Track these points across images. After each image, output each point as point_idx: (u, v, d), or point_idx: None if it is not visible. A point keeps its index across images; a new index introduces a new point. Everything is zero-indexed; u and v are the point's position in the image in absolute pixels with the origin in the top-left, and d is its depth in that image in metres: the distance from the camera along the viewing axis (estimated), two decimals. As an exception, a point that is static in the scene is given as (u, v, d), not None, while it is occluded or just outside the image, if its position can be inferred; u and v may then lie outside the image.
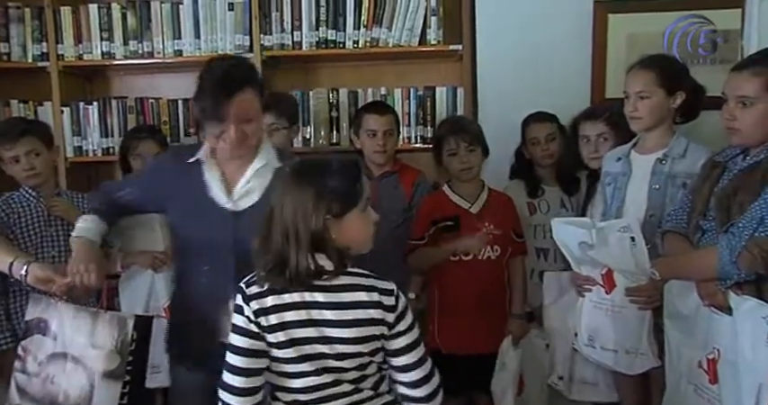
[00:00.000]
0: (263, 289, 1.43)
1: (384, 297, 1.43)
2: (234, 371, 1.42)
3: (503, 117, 2.66)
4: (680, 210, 1.91)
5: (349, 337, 1.41)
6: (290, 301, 1.42)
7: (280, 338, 1.41)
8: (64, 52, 2.88)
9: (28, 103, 2.94)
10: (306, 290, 1.42)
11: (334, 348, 1.42)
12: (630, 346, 2.06)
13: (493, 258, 2.32)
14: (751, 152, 1.75)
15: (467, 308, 2.30)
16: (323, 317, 1.41)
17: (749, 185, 1.67)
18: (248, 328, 1.42)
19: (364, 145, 2.56)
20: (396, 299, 1.45)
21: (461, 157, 2.29)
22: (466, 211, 2.32)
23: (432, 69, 2.95)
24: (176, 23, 2.87)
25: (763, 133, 1.70)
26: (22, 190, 2.34)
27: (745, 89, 1.70)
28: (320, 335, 1.41)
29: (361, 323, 1.41)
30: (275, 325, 1.41)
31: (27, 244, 2.29)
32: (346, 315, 1.41)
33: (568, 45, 2.68)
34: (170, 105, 2.94)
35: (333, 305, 1.42)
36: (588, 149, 2.37)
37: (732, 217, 1.67)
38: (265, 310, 1.41)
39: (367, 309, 1.42)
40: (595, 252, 2.07)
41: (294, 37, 2.81)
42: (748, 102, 1.69)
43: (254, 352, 1.42)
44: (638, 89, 2.06)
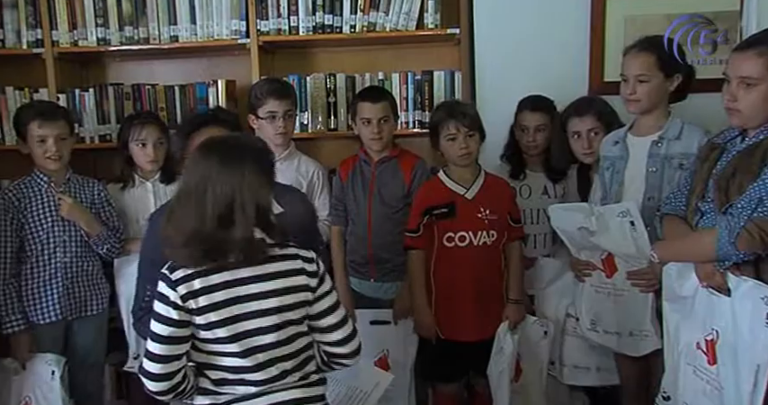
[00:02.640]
0: (188, 272, 1.45)
1: (306, 264, 1.53)
2: (155, 359, 1.46)
3: (501, 100, 2.64)
4: (678, 192, 1.91)
5: (279, 306, 1.48)
6: (219, 281, 1.46)
7: (210, 319, 1.45)
8: (59, 39, 2.86)
9: (24, 90, 2.92)
10: (234, 268, 1.46)
11: (265, 321, 1.47)
12: (634, 329, 2.07)
13: (489, 244, 2.31)
14: (749, 134, 1.74)
15: (464, 294, 2.31)
16: (249, 291, 1.47)
17: (748, 166, 1.66)
18: (170, 315, 1.45)
19: (361, 132, 2.56)
20: (317, 264, 1.55)
21: (460, 143, 2.28)
22: (461, 197, 2.31)
23: (429, 53, 2.93)
24: (172, 9, 2.84)
25: (764, 115, 1.69)
26: (35, 175, 2.37)
27: (747, 70, 1.67)
28: (249, 310, 1.47)
29: (288, 291, 1.50)
30: (204, 307, 1.45)
31: (38, 229, 2.33)
32: (274, 285, 1.48)
33: (566, 28, 2.67)
34: (167, 91, 2.92)
35: (258, 278, 1.47)
36: (581, 145, 2.36)
37: (731, 198, 1.67)
38: (194, 292, 1.45)
39: (292, 276, 1.50)
40: (596, 238, 2.07)
41: (291, 22, 2.79)
42: (751, 82, 1.67)
43: (177, 339, 1.46)
44: (638, 72, 2.05)
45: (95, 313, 2.46)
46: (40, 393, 2.35)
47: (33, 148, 2.32)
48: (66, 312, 2.38)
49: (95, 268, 2.47)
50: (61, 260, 2.36)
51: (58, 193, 2.35)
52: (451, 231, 2.30)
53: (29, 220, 2.32)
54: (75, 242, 2.39)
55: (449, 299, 2.34)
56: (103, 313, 2.51)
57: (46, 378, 2.34)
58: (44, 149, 2.31)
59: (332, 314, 1.57)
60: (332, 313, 1.57)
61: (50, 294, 2.34)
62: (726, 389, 1.67)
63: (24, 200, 2.32)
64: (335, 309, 1.58)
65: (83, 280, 2.42)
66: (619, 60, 2.19)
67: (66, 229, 2.37)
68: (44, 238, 2.33)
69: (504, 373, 2.32)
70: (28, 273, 2.33)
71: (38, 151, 2.31)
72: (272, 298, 1.48)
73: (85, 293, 2.43)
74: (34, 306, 2.33)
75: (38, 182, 2.35)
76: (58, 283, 2.35)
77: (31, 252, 2.33)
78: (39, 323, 2.34)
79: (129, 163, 2.61)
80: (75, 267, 2.39)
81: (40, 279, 2.34)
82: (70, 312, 2.39)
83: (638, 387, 2.20)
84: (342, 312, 1.60)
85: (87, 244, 2.42)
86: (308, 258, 1.54)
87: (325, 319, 1.57)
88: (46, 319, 2.35)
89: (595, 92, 2.62)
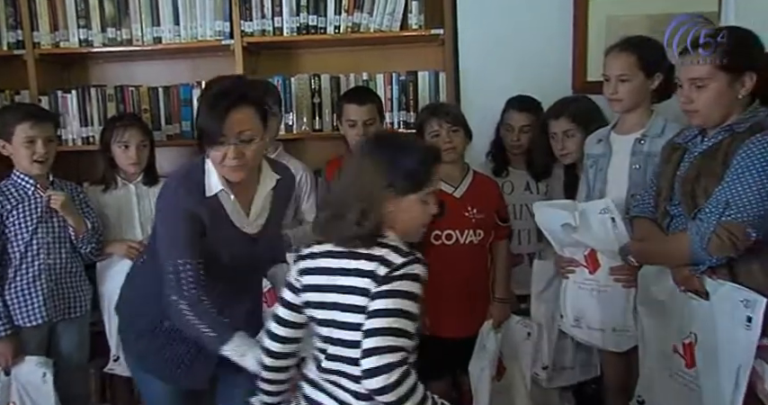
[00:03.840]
0: (308, 251, 1.49)
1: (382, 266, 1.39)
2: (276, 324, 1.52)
3: (485, 100, 2.67)
4: (645, 194, 1.94)
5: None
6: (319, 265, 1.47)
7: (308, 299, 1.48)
8: (40, 40, 2.83)
9: (4, 92, 2.90)
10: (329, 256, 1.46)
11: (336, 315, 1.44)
12: (617, 325, 2.09)
13: (476, 242, 2.33)
14: (709, 133, 1.78)
15: (450, 291, 2.31)
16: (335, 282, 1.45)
17: (710, 169, 1.70)
18: (293, 283, 1.50)
19: (347, 134, 2.56)
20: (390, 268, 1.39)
21: (444, 138, 2.29)
22: (449, 196, 2.32)
23: (414, 54, 2.93)
24: (155, 10, 2.82)
25: (721, 112, 1.73)
26: (17, 177, 2.34)
27: (696, 72, 1.73)
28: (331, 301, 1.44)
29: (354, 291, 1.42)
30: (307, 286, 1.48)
31: (22, 231, 2.31)
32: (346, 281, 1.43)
33: (549, 28, 2.69)
34: (150, 93, 2.91)
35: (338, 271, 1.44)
36: (556, 146, 2.39)
37: (698, 202, 1.70)
38: (304, 270, 1.49)
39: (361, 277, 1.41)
40: (579, 234, 2.09)
41: (275, 23, 2.79)
42: (701, 84, 1.72)
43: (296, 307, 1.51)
44: (619, 72, 2.08)
45: (79, 315, 2.45)
46: (28, 398, 2.32)
47: (19, 149, 2.29)
48: (52, 314, 2.36)
49: (78, 270, 2.46)
50: (45, 262, 2.34)
51: (48, 192, 2.33)
52: (438, 230, 2.30)
53: (12, 222, 2.29)
54: (58, 244, 2.37)
55: (435, 296, 2.33)
56: (86, 315, 2.50)
57: (36, 381, 2.31)
58: (32, 151, 2.29)
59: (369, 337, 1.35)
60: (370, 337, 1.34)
61: (35, 297, 2.32)
62: (705, 390, 1.70)
63: (7, 203, 2.29)
64: (376, 334, 1.34)
65: (67, 282, 2.41)
66: (601, 60, 2.21)
67: (50, 230, 2.35)
68: (27, 240, 2.31)
69: (485, 371, 2.33)
70: (11, 276, 2.31)
71: (25, 153, 2.29)
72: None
73: (69, 295, 2.41)
74: (19, 309, 2.31)
75: (22, 184, 2.33)
76: (42, 286, 2.33)
77: (14, 255, 2.31)
78: (24, 326, 2.32)
79: (112, 165, 2.58)
80: (59, 269, 2.38)
81: (24, 282, 2.32)
82: (55, 315, 2.37)
83: (620, 382, 2.22)
84: (382, 342, 1.33)
85: (70, 245, 2.41)
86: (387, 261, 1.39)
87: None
88: (32, 322, 2.32)
89: (578, 91, 2.65)
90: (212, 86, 1.72)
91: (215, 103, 1.64)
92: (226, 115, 1.61)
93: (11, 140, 2.30)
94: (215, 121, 1.62)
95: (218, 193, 1.71)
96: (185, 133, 2.90)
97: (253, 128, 1.66)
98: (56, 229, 2.37)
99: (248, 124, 1.65)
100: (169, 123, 2.91)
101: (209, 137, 1.64)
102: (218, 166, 1.69)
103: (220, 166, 1.68)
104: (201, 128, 1.67)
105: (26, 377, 2.32)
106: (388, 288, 1.36)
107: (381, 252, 1.40)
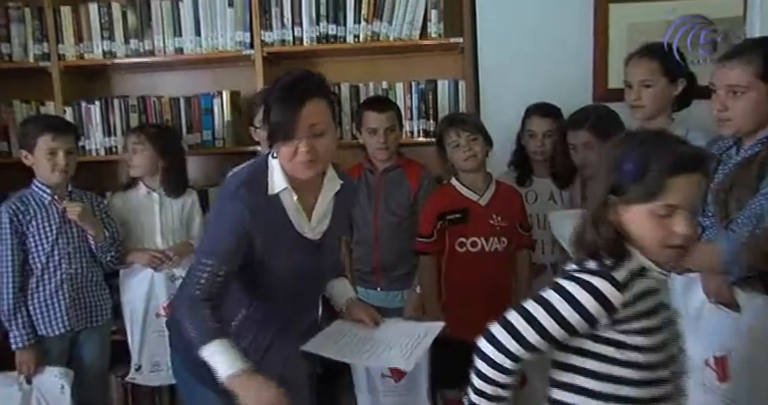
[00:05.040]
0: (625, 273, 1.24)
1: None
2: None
3: (505, 108, 2.65)
4: None
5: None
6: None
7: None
8: (65, 52, 2.89)
9: (30, 104, 2.95)
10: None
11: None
12: None
13: (500, 250, 2.33)
14: (744, 145, 1.74)
15: (473, 298, 2.31)
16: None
17: (745, 180, 1.66)
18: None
19: (366, 142, 2.57)
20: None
21: (464, 147, 2.30)
22: (475, 203, 2.33)
23: (433, 62, 2.94)
24: (177, 21, 2.86)
25: (756, 121, 1.70)
26: (36, 188, 2.37)
27: (734, 78, 1.69)
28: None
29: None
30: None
31: (43, 241, 2.34)
32: None
33: (570, 35, 2.67)
34: (172, 103, 2.94)
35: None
36: (577, 158, 2.36)
37: (730, 212, 1.67)
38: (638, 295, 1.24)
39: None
40: None
41: (295, 32, 2.80)
42: (739, 90, 1.68)
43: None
44: (642, 78, 2.06)
45: (100, 323, 2.47)
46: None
47: (41, 160, 2.33)
48: (74, 323, 2.38)
49: (99, 278, 2.48)
50: (66, 271, 2.36)
51: (64, 203, 2.35)
52: (464, 237, 2.32)
53: (32, 232, 2.32)
54: (79, 253, 2.40)
55: (459, 303, 2.34)
56: (108, 323, 2.52)
57: (55, 392, 2.33)
58: (54, 162, 2.32)
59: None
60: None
61: (58, 306, 2.34)
62: (739, 403, 1.66)
63: (28, 213, 2.32)
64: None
65: (88, 290, 2.43)
66: (623, 67, 2.19)
67: (71, 240, 2.38)
68: (48, 250, 2.33)
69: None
70: (34, 286, 2.33)
71: (47, 164, 2.32)
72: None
73: (91, 304, 2.44)
74: (42, 319, 2.33)
75: (40, 194, 2.36)
76: (64, 295, 2.35)
77: (36, 265, 2.34)
78: (47, 336, 2.34)
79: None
80: (80, 278, 2.40)
81: (47, 291, 2.34)
82: (77, 323, 2.40)
83: None
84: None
85: (91, 254, 2.43)
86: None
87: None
88: (55, 332, 2.35)
89: (599, 99, 2.62)
90: (278, 81, 1.59)
91: (288, 95, 1.55)
92: (300, 107, 1.52)
93: (33, 151, 2.33)
94: (288, 113, 1.53)
95: (280, 191, 1.62)
96: (206, 142, 2.93)
97: (325, 121, 1.57)
98: (76, 238, 2.39)
99: (321, 117, 1.56)
100: (190, 133, 2.93)
101: (283, 131, 1.54)
102: (287, 163, 1.59)
103: (291, 163, 1.58)
104: (274, 123, 1.56)
105: (46, 387, 2.34)
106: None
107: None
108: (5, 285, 2.28)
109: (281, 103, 1.55)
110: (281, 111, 1.54)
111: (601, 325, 1.23)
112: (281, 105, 1.55)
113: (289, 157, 1.57)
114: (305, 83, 1.56)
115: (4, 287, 2.28)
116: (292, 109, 1.52)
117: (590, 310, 1.21)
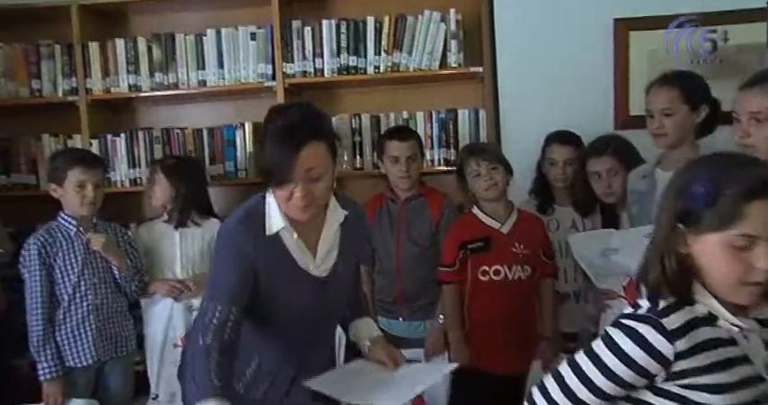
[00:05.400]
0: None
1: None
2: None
3: (525, 137, 2.65)
4: None
5: None
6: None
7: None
8: (92, 86, 2.95)
9: (58, 137, 3.01)
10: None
11: None
12: None
13: (524, 278, 2.32)
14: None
15: (497, 328, 2.30)
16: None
17: None
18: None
19: (388, 170, 2.58)
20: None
21: (484, 176, 2.30)
22: (497, 232, 2.32)
23: (453, 92, 2.95)
24: (200, 54, 2.92)
25: None
26: (62, 220, 2.41)
27: (756, 105, 1.68)
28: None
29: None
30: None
31: (69, 272, 2.37)
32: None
33: (590, 63, 2.68)
34: (195, 134, 2.98)
35: None
36: (601, 186, 2.34)
37: None
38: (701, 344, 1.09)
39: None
40: (620, 256, 2.04)
41: (316, 64, 2.85)
42: (761, 117, 1.67)
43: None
44: (663, 106, 2.05)
45: (126, 353, 2.49)
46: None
47: (70, 192, 2.37)
48: (101, 354, 2.40)
49: (123, 308, 2.50)
50: (93, 302, 2.38)
51: (88, 235, 2.39)
52: (486, 265, 2.31)
53: (59, 264, 2.35)
54: (104, 284, 2.42)
55: (483, 333, 2.33)
56: (132, 353, 2.54)
57: None
58: (83, 195, 2.36)
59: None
60: None
61: (85, 337, 2.37)
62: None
63: (55, 245, 2.36)
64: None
65: (114, 321, 2.45)
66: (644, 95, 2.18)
67: (96, 271, 2.40)
68: (75, 281, 2.36)
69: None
70: (61, 317, 2.36)
71: (75, 196, 2.36)
72: None
73: (117, 334, 2.46)
74: (70, 350, 2.35)
75: (66, 226, 2.39)
76: (91, 326, 2.37)
77: (62, 296, 2.36)
78: (75, 367, 2.36)
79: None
80: (105, 309, 2.42)
81: (74, 322, 2.36)
82: (104, 354, 2.42)
83: None
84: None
85: (115, 285, 2.46)
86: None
87: None
88: (82, 362, 2.36)
89: (621, 127, 2.62)
90: (277, 117, 1.54)
91: (285, 138, 1.48)
92: (297, 152, 1.46)
93: (62, 184, 2.37)
94: (285, 158, 1.46)
95: (279, 231, 1.57)
96: (229, 173, 2.96)
97: (323, 165, 1.51)
98: (101, 269, 2.42)
99: (319, 161, 1.50)
100: (213, 164, 2.97)
101: (278, 175, 1.49)
102: (283, 205, 1.55)
103: (286, 205, 1.54)
104: (270, 165, 1.51)
105: (71, 419, 2.35)
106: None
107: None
108: (34, 317, 2.30)
109: (278, 145, 1.49)
110: (278, 153, 1.48)
111: (659, 377, 1.09)
112: (278, 147, 1.49)
113: (284, 200, 1.53)
114: (305, 125, 1.50)
115: (32, 319, 2.31)
116: (289, 153, 1.46)
117: (639, 362, 1.08)
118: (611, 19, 2.65)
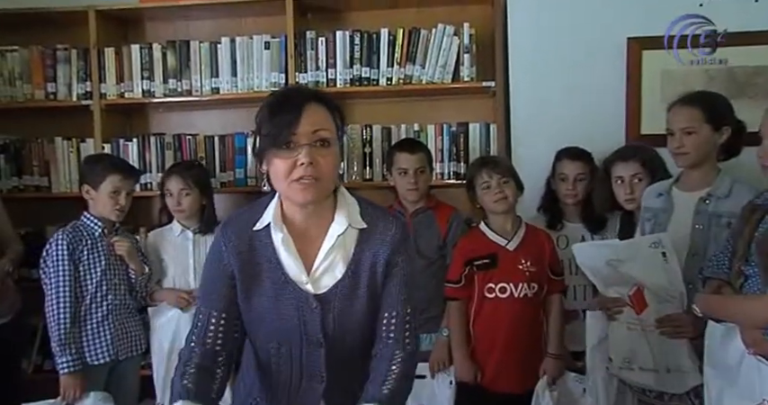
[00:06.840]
0: None
1: None
2: None
3: (536, 153, 2.65)
4: (720, 255, 1.86)
5: None
6: None
7: None
8: (106, 91, 2.98)
9: (71, 140, 3.03)
10: None
11: None
12: (671, 364, 2.00)
13: (530, 295, 2.30)
14: None
15: (503, 345, 2.28)
16: None
17: None
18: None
19: (397, 183, 2.58)
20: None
21: (494, 189, 2.29)
22: (503, 248, 2.31)
23: (465, 106, 2.96)
24: (214, 62, 2.94)
25: None
26: (87, 220, 2.44)
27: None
28: None
29: None
30: None
31: (92, 271, 2.40)
32: None
33: (602, 81, 2.68)
34: (206, 141, 3.00)
35: None
36: (623, 191, 2.33)
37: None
38: None
39: None
40: (626, 266, 2.03)
41: (329, 74, 2.86)
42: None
43: None
44: (684, 125, 2.04)
45: (139, 353, 2.54)
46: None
47: (104, 197, 2.41)
48: (119, 352, 2.44)
49: (135, 310, 2.55)
50: (112, 302, 2.42)
51: (114, 238, 2.44)
52: (492, 282, 2.29)
53: (84, 262, 2.39)
54: (123, 284, 2.48)
55: (488, 350, 2.31)
56: (143, 354, 2.58)
57: None
58: (115, 201, 2.42)
59: None
60: None
61: (104, 336, 2.40)
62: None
63: (81, 242, 2.40)
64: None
65: (129, 321, 2.49)
66: (656, 114, 2.20)
67: (117, 272, 2.46)
68: (97, 280, 2.40)
69: (542, 431, 2.25)
70: (82, 314, 2.39)
71: (108, 201, 2.41)
72: None
73: (132, 334, 2.50)
74: (88, 347, 2.38)
75: (91, 227, 2.44)
76: (110, 324, 2.41)
77: (85, 293, 2.39)
78: (92, 364, 2.38)
79: (167, 211, 2.67)
80: (123, 308, 2.47)
81: (95, 321, 2.39)
82: (121, 353, 2.45)
83: None
84: None
85: (130, 286, 2.50)
86: None
87: None
88: (100, 360, 2.39)
89: (632, 145, 2.61)
90: (269, 96, 1.39)
91: (285, 101, 1.32)
92: (300, 110, 1.28)
93: (97, 188, 2.42)
94: (286, 116, 1.28)
95: (268, 227, 1.38)
96: (239, 181, 2.97)
97: (329, 128, 1.33)
98: (120, 270, 2.47)
99: (325, 123, 1.32)
100: (223, 171, 2.98)
101: (278, 137, 1.28)
102: (283, 183, 1.33)
103: (287, 183, 1.32)
104: (271, 129, 1.30)
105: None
106: None
107: None
108: (60, 311, 2.32)
109: (277, 108, 1.31)
110: (278, 116, 1.29)
111: None
112: (279, 109, 1.31)
113: (285, 173, 1.30)
114: (303, 89, 1.44)
115: (58, 312, 2.32)
116: (291, 113, 1.28)
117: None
118: (625, 38, 2.65)
